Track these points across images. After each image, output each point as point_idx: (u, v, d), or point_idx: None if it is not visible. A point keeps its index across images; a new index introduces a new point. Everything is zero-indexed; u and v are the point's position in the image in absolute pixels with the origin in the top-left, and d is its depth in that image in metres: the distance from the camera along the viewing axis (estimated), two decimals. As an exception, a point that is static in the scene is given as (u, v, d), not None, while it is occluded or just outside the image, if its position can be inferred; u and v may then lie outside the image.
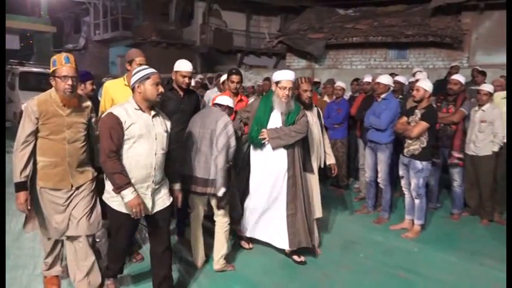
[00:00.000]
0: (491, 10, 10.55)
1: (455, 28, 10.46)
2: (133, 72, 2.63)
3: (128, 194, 2.49)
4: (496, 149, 4.73)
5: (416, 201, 4.40)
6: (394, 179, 4.92)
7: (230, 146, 3.27)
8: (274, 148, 3.49)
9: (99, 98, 3.74)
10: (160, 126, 2.68)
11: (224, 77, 5.11)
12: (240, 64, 18.06)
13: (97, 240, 3.50)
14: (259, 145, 3.54)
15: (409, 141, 4.35)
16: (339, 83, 5.98)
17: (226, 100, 3.53)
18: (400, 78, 5.76)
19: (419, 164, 4.30)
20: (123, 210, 2.63)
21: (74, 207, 2.81)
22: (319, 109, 4.12)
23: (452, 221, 4.91)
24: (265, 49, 17.22)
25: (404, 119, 4.38)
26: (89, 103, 2.91)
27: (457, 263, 3.77)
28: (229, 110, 3.52)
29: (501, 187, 4.89)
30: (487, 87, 4.84)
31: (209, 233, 3.61)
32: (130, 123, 2.52)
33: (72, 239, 2.84)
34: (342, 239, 4.26)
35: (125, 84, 3.30)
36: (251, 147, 3.66)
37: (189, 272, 3.41)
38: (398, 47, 11.23)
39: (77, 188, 2.82)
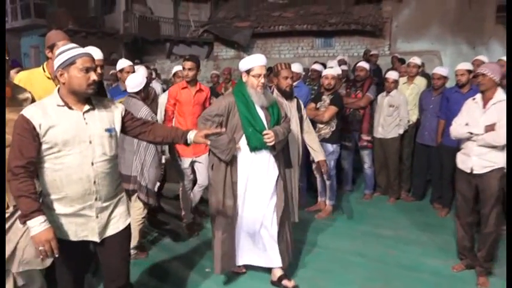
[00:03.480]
0: (409, -1, 11.55)
1: (376, 16, 11.31)
2: (56, 54, 2.10)
3: (35, 224, 1.90)
4: (401, 131, 5.32)
5: (328, 182, 4.89)
6: (309, 164, 5.39)
7: None
8: (277, 152, 3.19)
9: None
10: (99, 124, 2.12)
11: (176, 68, 5.21)
12: (169, 54, 17.97)
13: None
14: (260, 149, 3.10)
15: (320, 126, 4.82)
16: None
17: (135, 85, 3.58)
18: (316, 66, 6.28)
19: (330, 147, 4.79)
20: (67, 237, 2.11)
21: (20, 237, 2.24)
22: (299, 100, 3.99)
23: (364, 201, 5.48)
24: (195, 38, 17.27)
25: (312, 105, 4.84)
26: (27, 95, 2.36)
27: (359, 235, 4.32)
28: (144, 93, 3.64)
29: (406, 166, 5.57)
30: (393, 74, 5.40)
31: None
32: (47, 128, 1.98)
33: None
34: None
35: (47, 77, 2.82)
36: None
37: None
38: (324, 36, 11.90)
39: (16, 209, 2.21)
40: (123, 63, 4.37)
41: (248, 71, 3.08)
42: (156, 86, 5.52)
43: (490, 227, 3.24)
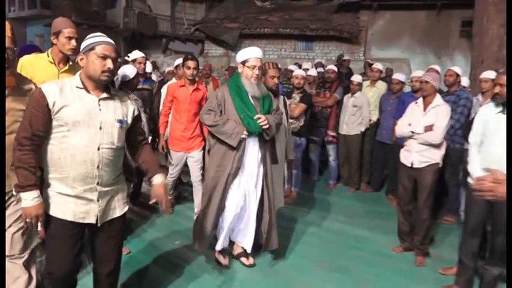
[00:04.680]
0: (384, 10, 11.71)
1: (353, 24, 11.45)
2: (85, 39, 2.04)
3: (28, 198, 1.88)
4: (363, 129, 5.49)
5: (294, 171, 5.05)
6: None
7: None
8: (269, 137, 3.12)
9: None
10: (112, 113, 2.05)
11: (178, 61, 5.04)
12: (165, 49, 17.91)
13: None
14: (251, 135, 3.04)
15: (290, 121, 4.95)
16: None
17: (125, 74, 3.62)
18: (292, 67, 6.42)
19: (298, 140, 4.93)
20: (64, 216, 2.01)
21: (13, 222, 2.16)
22: (285, 98, 3.96)
23: (328, 190, 5.64)
24: (188, 36, 17.24)
25: (283, 101, 4.98)
26: (32, 85, 2.25)
27: (318, 219, 4.48)
28: (133, 82, 3.67)
29: (366, 161, 5.74)
30: (357, 78, 5.57)
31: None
32: (61, 106, 1.92)
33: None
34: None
35: (50, 62, 2.69)
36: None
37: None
38: (305, 39, 12.02)
39: (13, 195, 2.13)
40: (136, 54, 4.32)
41: (244, 62, 3.02)
42: (154, 78, 5.68)
43: (425, 214, 3.42)
